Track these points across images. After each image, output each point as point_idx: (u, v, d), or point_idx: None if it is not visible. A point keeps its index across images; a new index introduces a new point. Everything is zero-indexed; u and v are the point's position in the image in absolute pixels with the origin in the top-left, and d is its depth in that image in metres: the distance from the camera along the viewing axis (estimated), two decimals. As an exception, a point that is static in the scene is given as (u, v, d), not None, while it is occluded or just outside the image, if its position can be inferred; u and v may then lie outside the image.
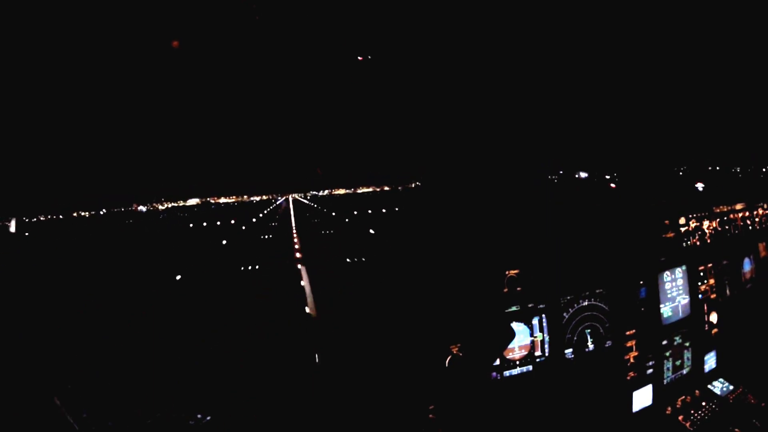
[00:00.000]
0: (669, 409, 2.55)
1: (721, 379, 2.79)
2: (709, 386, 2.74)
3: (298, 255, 17.57)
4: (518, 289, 2.18)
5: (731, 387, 2.73)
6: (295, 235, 24.62)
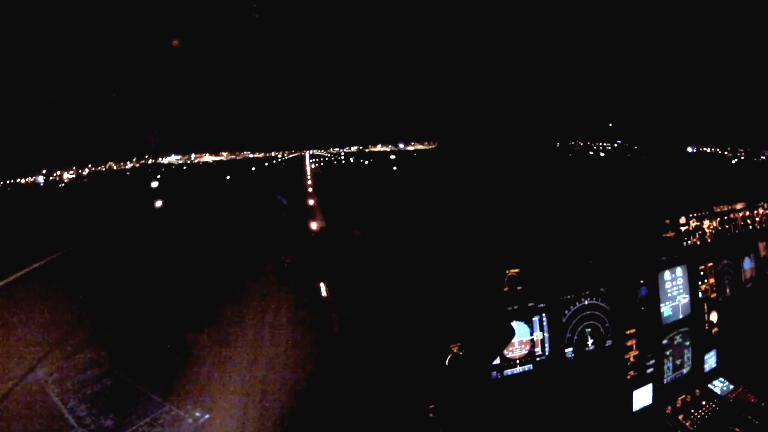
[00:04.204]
0: (669, 408, 2.55)
1: (721, 379, 2.79)
2: (709, 386, 2.73)
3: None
4: (518, 288, 2.17)
5: (731, 386, 2.73)
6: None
